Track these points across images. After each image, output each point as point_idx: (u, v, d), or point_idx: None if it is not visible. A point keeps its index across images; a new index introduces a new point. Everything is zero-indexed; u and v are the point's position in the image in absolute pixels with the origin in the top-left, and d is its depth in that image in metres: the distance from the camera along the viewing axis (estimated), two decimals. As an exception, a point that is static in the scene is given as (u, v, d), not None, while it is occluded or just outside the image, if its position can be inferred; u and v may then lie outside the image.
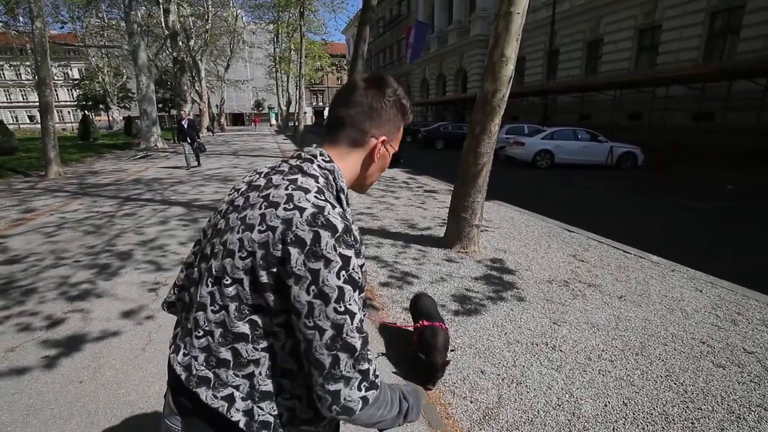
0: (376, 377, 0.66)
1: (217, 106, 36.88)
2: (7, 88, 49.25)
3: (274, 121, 48.88)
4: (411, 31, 26.90)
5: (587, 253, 4.12)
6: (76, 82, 41.03)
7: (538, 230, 4.97)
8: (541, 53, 20.54)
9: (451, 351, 2.31)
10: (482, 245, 4.24)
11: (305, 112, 26.83)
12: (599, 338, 2.50)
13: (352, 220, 0.69)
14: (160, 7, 17.50)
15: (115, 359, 2.30)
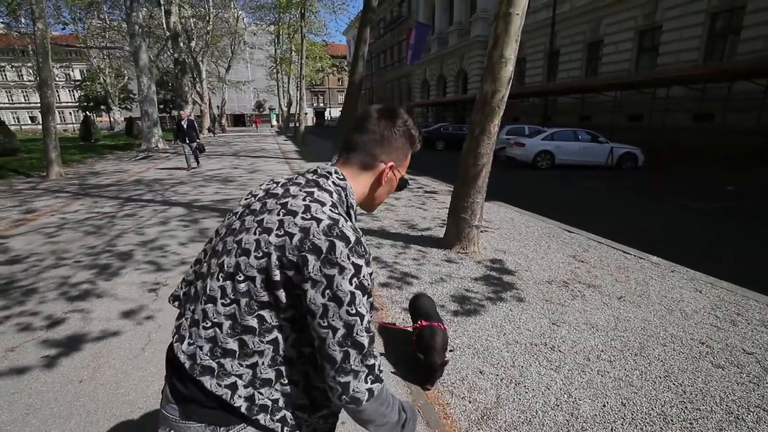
0: (380, 372, 0.73)
1: (218, 107, 36.94)
2: (9, 89, 49.48)
3: (275, 122, 48.93)
4: (411, 33, 26.91)
5: (587, 254, 4.12)
6: (78, 83, 41.20)
7: (538, 231, 4.97)
8: (542, 54, 20.55)
9: (450, 351, 2.31)
10: (482, 246, 4.24)
11: (306, 113, 26.86)
12: (598, 339, 2.50)
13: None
14: (162, 8, 17.57)
15: (115, 359, 2.31)
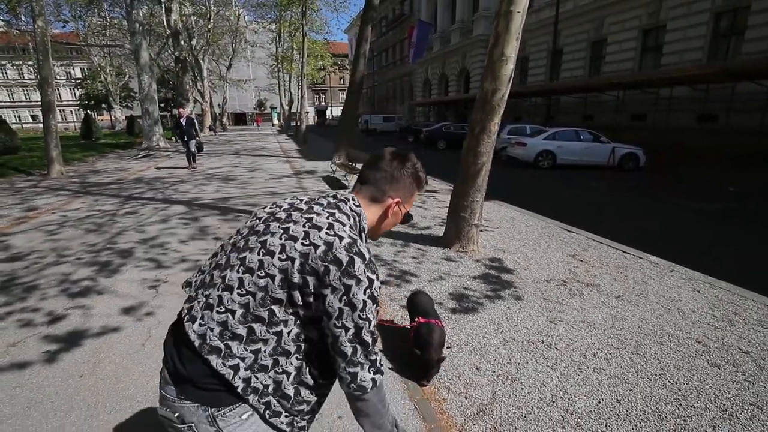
0: (381, 365, 0.87)
1: (220, 105, 36.96)
2: (10, 88, 49.49)
3: (276, 121, 48.94)
4: (414, 31, 26.85)
5: (586, 253, 4.13)
6: (79, 82, 41.17)
7: (537, 230, 4.98)
8: (545, 53, 20.48)
9: (447, 348, 2.33)
10: (481, 245, 4.25)
11: (307, 112, 26.86)
12: (595, 337, 2.51)
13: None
14: (162, 6, 17.55)
15: (115, 354, 2.33)
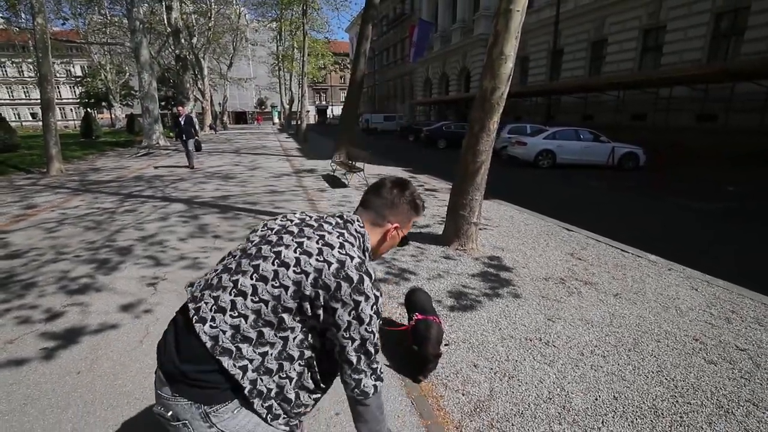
0: (382, 373, 0.97)
1: (220, 104, 36.94)
2: (10, 85, 49.45)
3: (277, 120, 48.90)
4: (414, 30, 26.85)
5: (585, 252, 4.13)
6: (79, 80, 41.15)
7: (537, 229, 4.98)
8: (545, 53, 20.46)
9: (446, 346, 2.33)
10: (480, 243, 4.25)
11: (308, 111, 26.87)
12: (593, 334, 2.51)
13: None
14: (163, 4, 17.52)
15: (113, 351, 2.33)
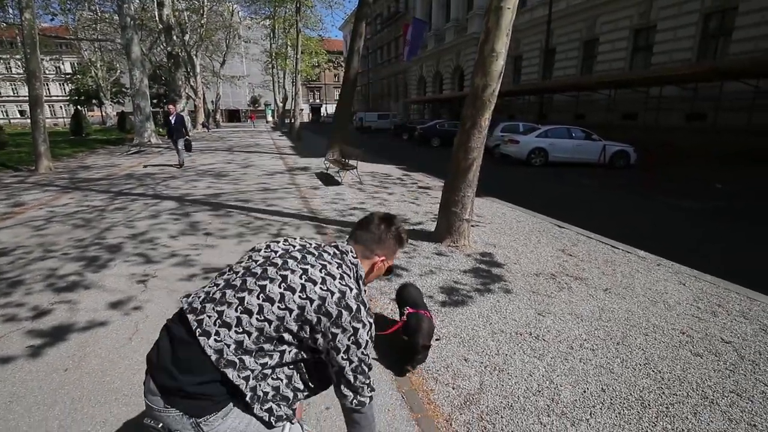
0: (374, 385, 1.09)
1: (213, 102, 36.61)
2: (-2, 82, 48.48)
3: (270, 118, 48.58)
4: (408, 29, 26.82)
5: (576, 248, 4.17)
6: (69, 77, 40.45)
7: (528, 226, 5.01)
8: (538, 52, 20.56)
9: (437, 340, 2.34)
10: (472, 239, 4.27)
11: (302, 109, 26.76)
12: (582, 328, 2.54)
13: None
14: (154, 0, 17.32)
15: (102, 348, 2.30)
